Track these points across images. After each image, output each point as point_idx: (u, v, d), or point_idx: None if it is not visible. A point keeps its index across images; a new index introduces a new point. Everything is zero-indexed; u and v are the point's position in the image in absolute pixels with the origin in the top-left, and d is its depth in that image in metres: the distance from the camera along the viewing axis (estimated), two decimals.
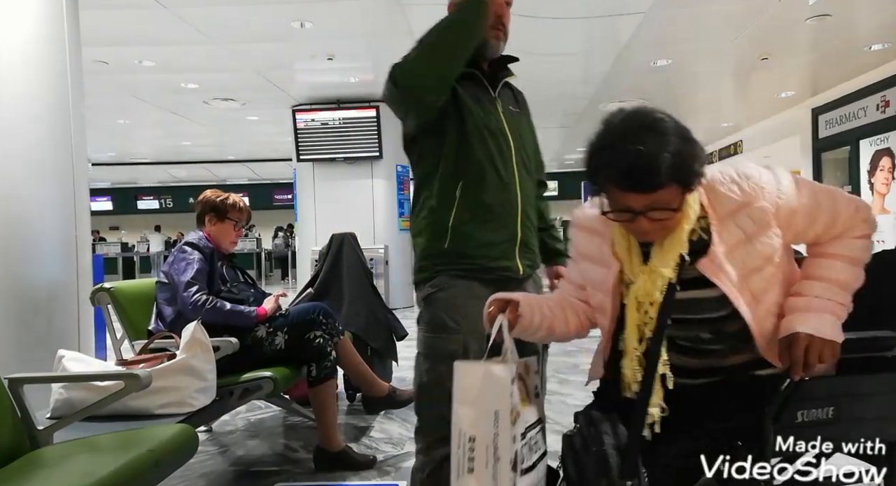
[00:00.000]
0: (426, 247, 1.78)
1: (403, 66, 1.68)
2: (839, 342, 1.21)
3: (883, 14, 5.54)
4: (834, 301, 1.27)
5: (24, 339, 2.46)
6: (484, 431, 1.08)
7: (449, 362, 1.62)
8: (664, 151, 1.14)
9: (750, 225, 1.24)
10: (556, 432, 1.58)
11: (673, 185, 1.17)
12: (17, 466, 1.60)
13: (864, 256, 1.34)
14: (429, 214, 1.78)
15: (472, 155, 1.74)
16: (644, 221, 1.21)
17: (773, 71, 7.21)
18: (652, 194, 1.17)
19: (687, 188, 1.20)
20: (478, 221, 1.73)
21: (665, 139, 1.16)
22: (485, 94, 1.82)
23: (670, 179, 1.15)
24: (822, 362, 1.20)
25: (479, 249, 1.73)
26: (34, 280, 2.55)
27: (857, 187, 7.65)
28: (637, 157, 1.15)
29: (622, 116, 1.23)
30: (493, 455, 1.08)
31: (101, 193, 18.77)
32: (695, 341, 1.33)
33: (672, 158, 1.14)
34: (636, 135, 1.17)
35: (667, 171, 1.14)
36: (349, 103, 8.05)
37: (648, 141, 1.15)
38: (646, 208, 1.19)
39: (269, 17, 5.17)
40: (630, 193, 1.18)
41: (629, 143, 1.16)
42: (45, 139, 2.63)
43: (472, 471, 1.06)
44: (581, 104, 8.76)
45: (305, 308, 2.81)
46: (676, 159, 1.15)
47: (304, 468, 2.68)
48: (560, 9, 5.15)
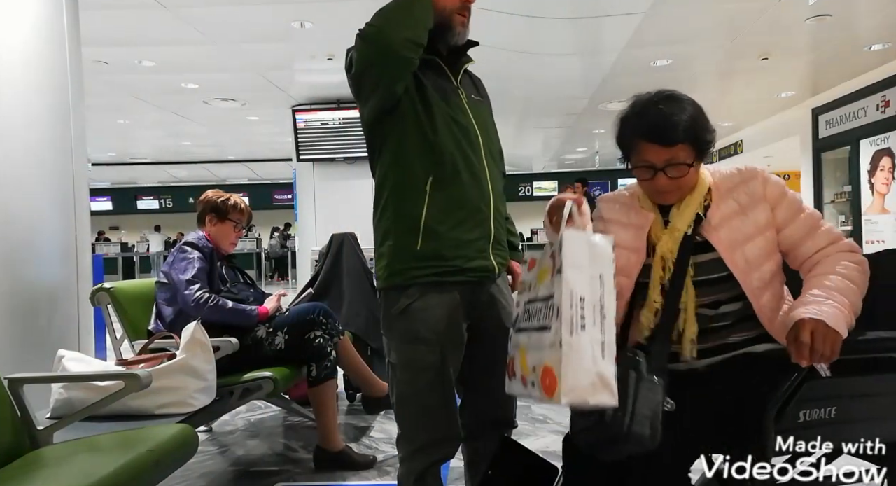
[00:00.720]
0: (396, 249, 1.64)
1: (374, 23, 1.55)
2: (842, 335, 1.23)
3: (883, 14, 5.54)
4: (836, 301, 1.29)
5: (24, 339, 2.45)
6: (592, 292, 1.20)
7: (429, 374, 1.64)
8: (682, 114, 1.40)
9: (745, 199, 1.45)
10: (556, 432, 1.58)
11: (687, 145, 1.40)
12: (17, 466, 1.60)
13: (859, 277, 1.37)
14: (395, 213, 1.65)
15: (441, 148, 1.61)
16: (662, 179, 1.42)
17: (773, 71, 7.20)
18: (671, 148, 1.40)
19: (699, 153, 1.43)
20: (452, 220, 1.62)
21: (682, 106, 1.42)
22: (447, 83, 1.69)
23: (685, 138, 1.39)
24: (827, 349, 1.21)
25: (454, 249, 1.62)
26: (34, 280, 2.55)
27: (857, 187, 7.64)
28: (659, 115, 1.41)
29: (647, 93, 1.48)
30: (601, 313, 1.19)
31: (101, 193, 18.78)
32: (713, 306, 1.46)
33: (688, 120, 1.40)
34: (659, 101, 1.44)
35: (683, 130, 1.39)
36: (349, 103, 8.03)
37: (670, 105, 1.42)
38: (665, 164, 1.41)
39: (269, 17, 5.17)
40: (653, 145, 1.41)
41: (653, 106, 1.44)
42: (45, 139, 2.63)
43: (583, 327, 1.17)
44: (581, 104, 8.75)
45: (305, 308, 2.82)
46: (691, 123, 1.40)
47: (304, 468, 2.68)
48: (560, 9, 5.15)
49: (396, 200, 1.65)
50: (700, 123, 1.42)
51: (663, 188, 1.44)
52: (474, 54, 1.79)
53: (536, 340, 1.25)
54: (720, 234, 1.43)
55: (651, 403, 1.23)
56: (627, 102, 1.48)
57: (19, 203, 2.52)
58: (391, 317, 1.68)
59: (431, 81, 1.65)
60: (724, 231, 1.43)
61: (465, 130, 1.66)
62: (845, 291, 1.32)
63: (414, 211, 1.61)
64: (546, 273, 1.28)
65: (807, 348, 1.21)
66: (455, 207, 1.62)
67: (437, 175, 1.61)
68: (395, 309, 1.65)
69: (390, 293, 1.67)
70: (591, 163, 15.21)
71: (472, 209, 1.64)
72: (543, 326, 1.23)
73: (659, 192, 1.46)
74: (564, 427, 1.66)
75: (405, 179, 1.64)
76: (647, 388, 1.25)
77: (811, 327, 1.22)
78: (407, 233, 1.61)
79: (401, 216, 1.64)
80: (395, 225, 1.64)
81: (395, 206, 1.66)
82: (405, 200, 1.64)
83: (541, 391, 1.21)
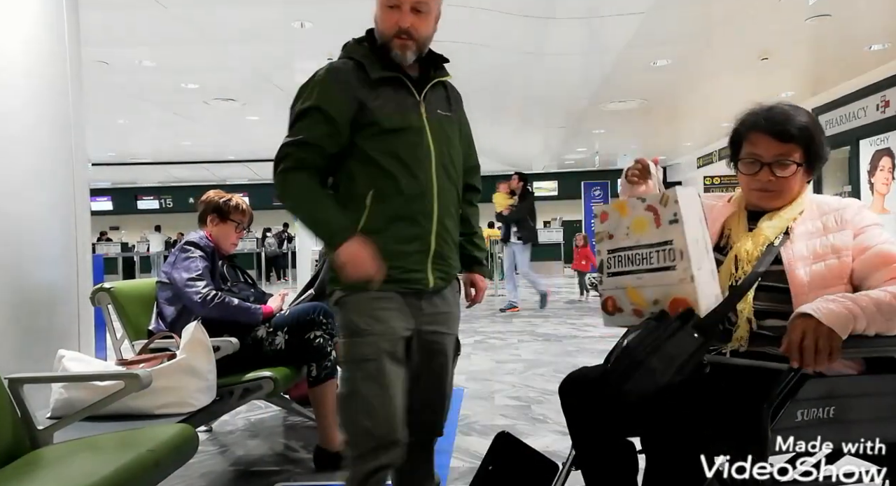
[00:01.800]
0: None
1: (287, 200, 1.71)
2: (839, 336, 1.19)
3: (883, 14, 5.55)
4: (847, 304, 1.25)
5: (25, 339, 2.45)
6: (703, 233, 1.47)
7: (364, 367, 1.65)
8: (802, 117, 1.48)
9: (832, 223, 1.46)
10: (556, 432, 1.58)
11: (800, 148, 1.47)
12: (17, 466, 1.59)
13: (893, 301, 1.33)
14: None
15: (384, 162, 1.66)
16: (766, 174, 1.48)
17: (773, 71, 7.21)
18: (784, 144, 1.46)
19: (809, 162, 1.48)
20: (389, 232, 1.66)
21: (803, 112, 1.51)
22: (407, 97, 1.71)
23: (800, 139, 1.46)
24: (818, 350, 1.18)
25: (390, 259, 1.65)
26: (34, 280, 2.55)
27: (857, 187, 7.65)
28: (780, 111, 1.50)
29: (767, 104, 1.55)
30: (706, 248, 1.46)
31: (101, 193, 18.78)
32: (761, 316, 1.46)
33: (807, 125, 1.47)
34: (781, 104, 1.53)
35: (800, 130, 1.46)
36: None
37: (792, 108, 1.51)
38: (773, 158, 1.47)
39: (269, 17, 5.17)
40: (766, 137, 1.48)
41: (777, 106, 1.52)
42: (45, 139, 2.63)
43: (701, 263, 1.42)
44: (581, 104, 8.75)
45: (305, 308, 2.81)
46: (810, 128, 1.47)
47: (304, 468, 2.68)
48: (560, 9, 5.15)
49: (341, 207, 1.70)
50: (817, 134, 1.48)
51: (765, 185, 1.50)
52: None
53: (654, 278, 1.46)
54: (794, 247, 1.45)
55: (680, 346, 1.30)
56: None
57: (19, 203, 2.52)
58: (335, 311, 1.74)
59: (384, 98, 1.67)
60: (797, 245, 1.45)
61: (415, 145, 1.68)
62: (866, 300, 1.27)
63: (353, 217, 1.67)
64: (645, 223, 1.50)
65: (795, 346, 1.19)
66: (393, 220, 1.67)
67: (378, 189, 1.66)
68: (332, 301, 1.73)
69: (332, 289, 1.74)
70: (591, 163, 15.21)
71: (410, 223, 1.67)
72: (665, 266, 1.44)
73: (760, 189, 1.51)
74: (564, 427, 1.66)
75: (349, 190, 1.70)
76: (684, 335, 1.31)
77: (802, 325, 1.21)
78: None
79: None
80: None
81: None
82: (346, 209, 1.69)
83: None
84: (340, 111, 1.65)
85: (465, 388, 3.94)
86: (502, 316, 7.52)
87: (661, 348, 1.29)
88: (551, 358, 4.88)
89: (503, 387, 3.96)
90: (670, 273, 1.43)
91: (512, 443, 1.76)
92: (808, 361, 1.19)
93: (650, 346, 1.30)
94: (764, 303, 1.44)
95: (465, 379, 4.19)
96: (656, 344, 1.30)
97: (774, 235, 1.48)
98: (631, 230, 1.53)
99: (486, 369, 4.55)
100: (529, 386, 3.93)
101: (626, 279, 1.52)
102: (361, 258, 1.61)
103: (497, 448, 1.75)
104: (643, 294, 1.48)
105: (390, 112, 1.67)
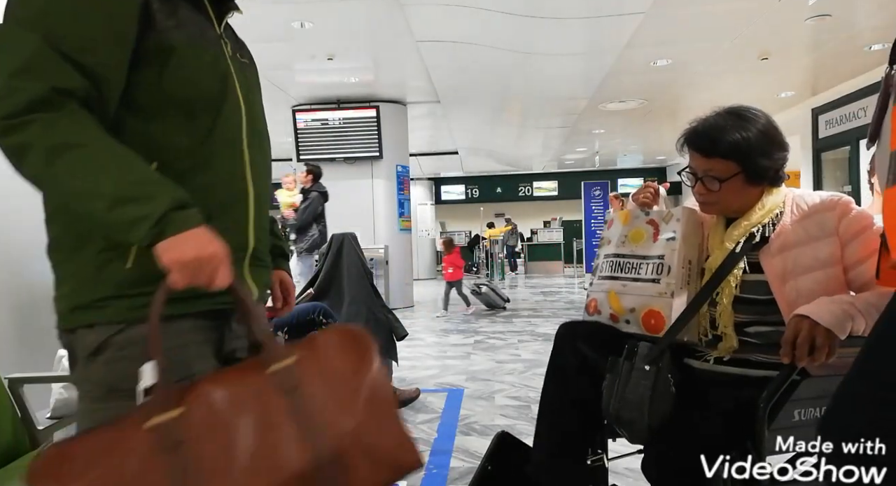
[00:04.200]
0: (91, 270, 1.00)
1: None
2: (836, 335, 1.19)
3: (883, 14, 5.54)
4: (846, 304, 1.25)
5: (25, 339, 2.45)
6: (697, 257, 1.52)
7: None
8: (736, 132, 1.40)
9: (814, 230, 1.39)
10: None
11: (731, 162, 1.41)
12: (18, 466, 1.60)
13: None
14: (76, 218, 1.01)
15: (178, 126, 1.04)
16: (700, 187, 1.46)
17: (773, 71, 7.21)
18: (709, 159, 1.43)
19: (749, 174, 1.41)
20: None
21: (744, 126, 1.41)
22: (208, 28, 1.12)
23: (728, 154, 1.40)
24: (812, 349, 1.18)
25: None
26: (35, 280, 2.55)
27: (857, 188, 7.64)
28: (709, 125, 1.44)
29: (728, 106, 1.48)
30: (698, 272, 1.52)
31: None
32: (746, 325, 1.45)
33: (741, 141, 1.39)
34: (721, 114, 1.45)
35: (728, 146, 1.40)
36: (349, 103, 8.05)
37: (727, 119, 1.43)
38: (703, 173, 1.44)
39: (269, 17, 5.17)
40: (693, 151, 1.46)
41: (711, 117, 1.46)
42: None
43: (688, 283, 1.49)
44: (581, 104, 8.75)
45: (305, 308, 2.82)
46: (744, 144, 1.39)
47: None
48: (560, 9, 5.15)
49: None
50: (756, 145, 1.39)
51: (700, 198, 1.49)
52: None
53: (637, 288, 1.50)
54: (775, 262, 1.40)
55: (638, 388, 1.34)
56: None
57: (19, 202, 2.52)
58: (79, 366, 1.04)
59: (184, 19, 1.06)
60: (779, 259, 1.39)
61: (223, 98, 1.10)
62: (866, 301, 1.25)
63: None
64: (642, 235, 1.55)
65: (789, 343, 1.20)
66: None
67: (166, 164, 1.01)
68: (82, 351, 1.02)
69: (78, 332, 1.02)
70: (591, 163, 15.20)
71: (221, 214, 1.06)
72: (651, 279, 1.48)
73: (699, 198, 1.50)
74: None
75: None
76: (637, 376, 1.35)
77: (798, 325, 1.21)
78: (109, 248, 0.99)
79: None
80: (89, 236, 1.00)
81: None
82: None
83: (640, 327, 1.50)
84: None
85: (465, 388, 3.94)
86: (502, 316, 7.52)
87: (624, 399, 1.35)
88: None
89: (503, 387, 3.96)
90: (653, 285, 1.49)
91: (512, 443, 1.76)
92: (800, 357, 1.19)
93: (617, 400, 1.36)
94: (746, 316, 1.43)
95: (465, 379, 4.19)
96: (619, 397, 1.36)
97: (734, 241, 1.44)
98: (628, 239, 1.59)
99: (486, 369, 4.55)
100: (529, 386, 3.93)
101: (612, 284, 1.58)
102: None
103: (497, 448, 1.75)
104: (622, 301, 1.54)
105: (192, 47, 1.06)
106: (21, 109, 0.90)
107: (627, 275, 1.55)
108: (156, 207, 0.91)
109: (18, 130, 0.90)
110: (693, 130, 1.47)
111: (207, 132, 1.07)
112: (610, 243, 1.64)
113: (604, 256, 1.64)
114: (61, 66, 0.92)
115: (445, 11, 5.07)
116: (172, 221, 0.92)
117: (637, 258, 1.55)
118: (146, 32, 0.99)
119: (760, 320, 1.42)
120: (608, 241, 1.65)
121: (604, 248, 1.66)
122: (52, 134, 0.91)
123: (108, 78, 0.96)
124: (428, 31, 5.63)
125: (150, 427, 0.85)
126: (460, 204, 18.23)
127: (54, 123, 0.91)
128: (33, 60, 0.91)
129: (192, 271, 0.92)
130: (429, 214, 16.32)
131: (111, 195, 0.91)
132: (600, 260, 1.65)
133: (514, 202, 18.29)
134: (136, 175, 0.94)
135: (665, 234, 1.52)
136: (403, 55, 6.34)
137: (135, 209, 0.91)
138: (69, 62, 0.92)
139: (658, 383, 1.33)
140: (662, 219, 1.55)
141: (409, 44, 5.90)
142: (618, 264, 1.59)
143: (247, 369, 0.97)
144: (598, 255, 1.68)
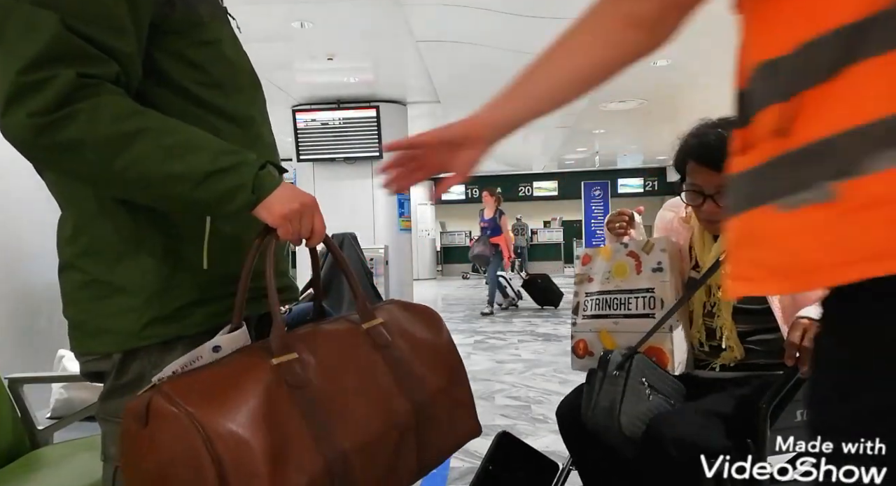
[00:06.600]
0: (157, 277, 0.93)
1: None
2: None
3: None
4: None
5: (24, 339, 2.45)
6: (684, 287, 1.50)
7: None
8: None
9: None
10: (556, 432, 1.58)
11: None
12: (17, 466, 1.59)
13: None
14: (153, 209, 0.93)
15: (212, 99, 0.98)
16: (711, 206, 1.38)
17: None
18: (721, 174, 1.35)
19: None
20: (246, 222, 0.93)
21: None
22: (215, 3, 1.05)
23: None
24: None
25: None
26: (34, 280, 2.55)
27: None
28: (717, 138, 1.35)
29: (718, 117, 1.43)
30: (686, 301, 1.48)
31: None
32: (749, 334, 1.45)
33: None
34: (720, 125, 1.39)
35: None
36: (349, 103, 8.04)
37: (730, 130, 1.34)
38: (715, 190, 1.36)
39: (269, 17, 5.17)
40: (703, 168, 1.37)
41: (713, 129, 1.39)
42: None
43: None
44: (581, 104, 8.75)
45: (305, 308, 2.81)
46: None
47: None
48: (560, 9, 5.15)
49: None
50: None
51: (711, 216, 1.41)
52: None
53: (631, 324, 1.45)
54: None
55: (609, 393, 1.34)
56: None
57: (19, 203, 2.52)
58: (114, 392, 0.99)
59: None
60: None
61: (241, 77, 1.08)
62: None
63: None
64: (626, 269, 1.50)
65: (794, 348, 1.20)
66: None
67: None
68: (123, 381, 0.97)
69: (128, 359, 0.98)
70: (591, 163, 15.21)
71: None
72: (644, 314, 1.44)
73: (706, 218, 1.44)
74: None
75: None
76: (608, 382, 1.35)
77: (803, 327, 1.21)
78: (181, 242, 0.94)
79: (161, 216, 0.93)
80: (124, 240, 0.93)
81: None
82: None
83: None
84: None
85: None
86: (502, 316, 7.52)
87: (598, 406, 1.34)
88: (551, 358, 4.87)
89: (503, 387, 3.96)
90: (649, 321, 1.43)
91: (512, 443, 1.76)
92: (804, 360, 1.20)
93: (591, 409, 1.36)
94: (747, 325, 1.44)
95: None
96: (594, 405, 1.35)
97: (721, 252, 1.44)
98: (612, 275, 1.54)
99: (486, 369, 4.55)
100: (529, 386, 3.93)
101: (603, 323, 1.53)
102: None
103: (497, 448, 1.75)
104: (617, 340, 1.49)
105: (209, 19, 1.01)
106: (55, 102, 0.78)
107: (617, 311, 1.50)
108: (247, 174, 0.87)
109: (60, 127, 0.79)
110: (701, 144, 1.39)
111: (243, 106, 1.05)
112: (592, 280, 1.58)
113: (585, 294, 1.58)
114: (86, 48, 0.81)
115: (445, 11, 5.07)
116: (264, 182, 0.89)
117: (624, 293, 1.50)
118: (169, 5, 0.91)
119: (762, 328, 1.42)
120: (588, 278, 1.59)
121: (584, 285, 1.60)
122: (102, 124, 0.80)
123: (130, 53, 0.87)
124: (428, 31, 5.63)
125: (276, 364, 0.88)
126: (460, 204, 18.24)
127: (99, 111, 0.81)
128: (55, 43, 0.79)
129: (296, 222, 0.93)
130: (429, 214, 16.33)
131: (198, 173, 0.84)
132: (582, 298, 1.59)
133: (515, 202, 18.32)
134: (212, 147, 0.88)
135: (649, 264, 1.47)
136: (403, 55, 6.34)
137: (228, 180, 0.86)
138: (91, 42, 0.82)
139: (627, 386, 1.32)
140: (642, 249, 1.50)
141: (409, 44, 5.90)
142: (605, 301, 1.53)
143: (341, 324, 1.03)
144: (578, 292, 1.61)
